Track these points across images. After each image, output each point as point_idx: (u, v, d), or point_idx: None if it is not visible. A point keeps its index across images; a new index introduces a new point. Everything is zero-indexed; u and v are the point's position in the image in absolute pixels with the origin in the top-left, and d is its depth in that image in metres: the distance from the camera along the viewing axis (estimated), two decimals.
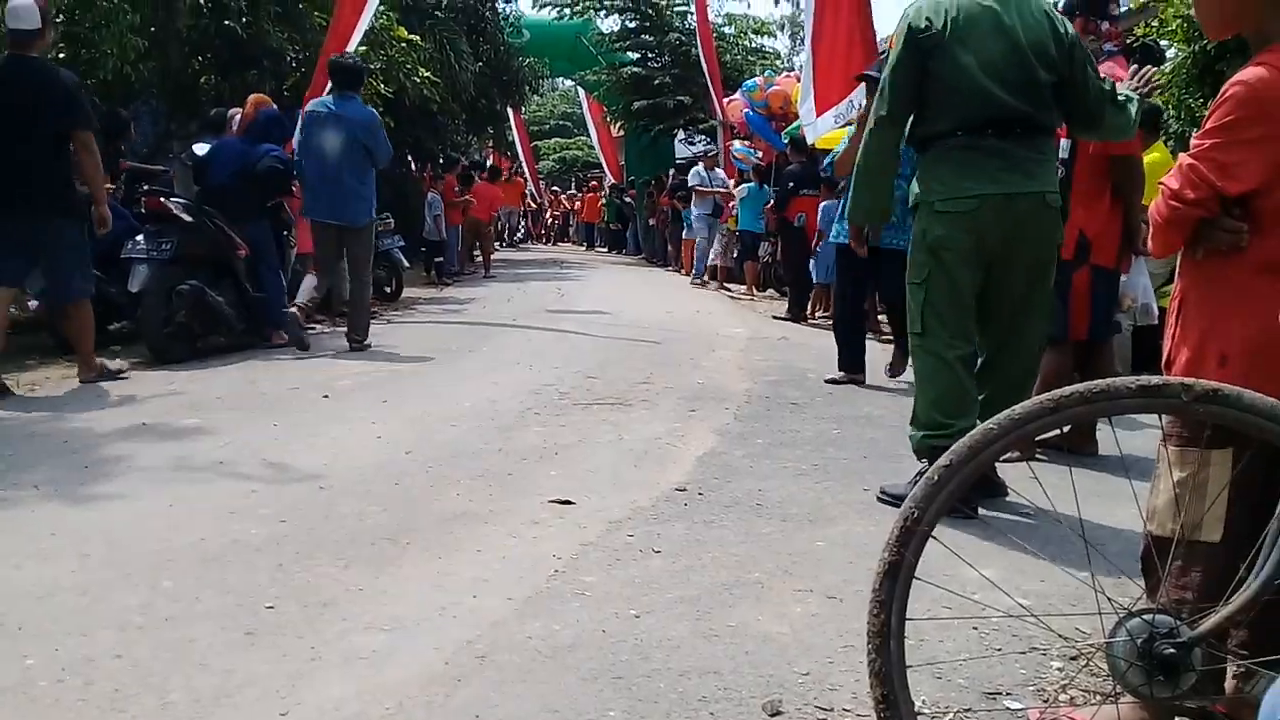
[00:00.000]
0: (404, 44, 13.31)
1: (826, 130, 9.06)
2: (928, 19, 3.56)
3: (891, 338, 7.12)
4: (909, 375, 4.47)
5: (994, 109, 3.55)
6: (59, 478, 3.92)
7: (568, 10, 23.14)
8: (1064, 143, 4.38)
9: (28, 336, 7.60)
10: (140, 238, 6.80)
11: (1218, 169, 2.02)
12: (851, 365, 6.57)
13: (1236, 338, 2.03)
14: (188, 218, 7.05)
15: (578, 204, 34.90)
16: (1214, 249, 2.07)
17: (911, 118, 3.72)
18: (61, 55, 10.50)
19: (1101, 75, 3.70)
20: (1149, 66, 3.92)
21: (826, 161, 7.09)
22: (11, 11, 5.69)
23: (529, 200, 34.40)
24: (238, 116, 8.43)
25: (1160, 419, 2.04)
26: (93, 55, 10.10)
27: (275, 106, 8.51)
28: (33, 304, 7.58)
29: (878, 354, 7.00)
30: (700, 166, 13.84)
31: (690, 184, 13.90)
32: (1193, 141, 2.11)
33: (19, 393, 5.64)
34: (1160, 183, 2.15)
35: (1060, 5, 4.57)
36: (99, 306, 6.40)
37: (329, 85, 8.21)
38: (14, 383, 5.91)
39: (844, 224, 6.23)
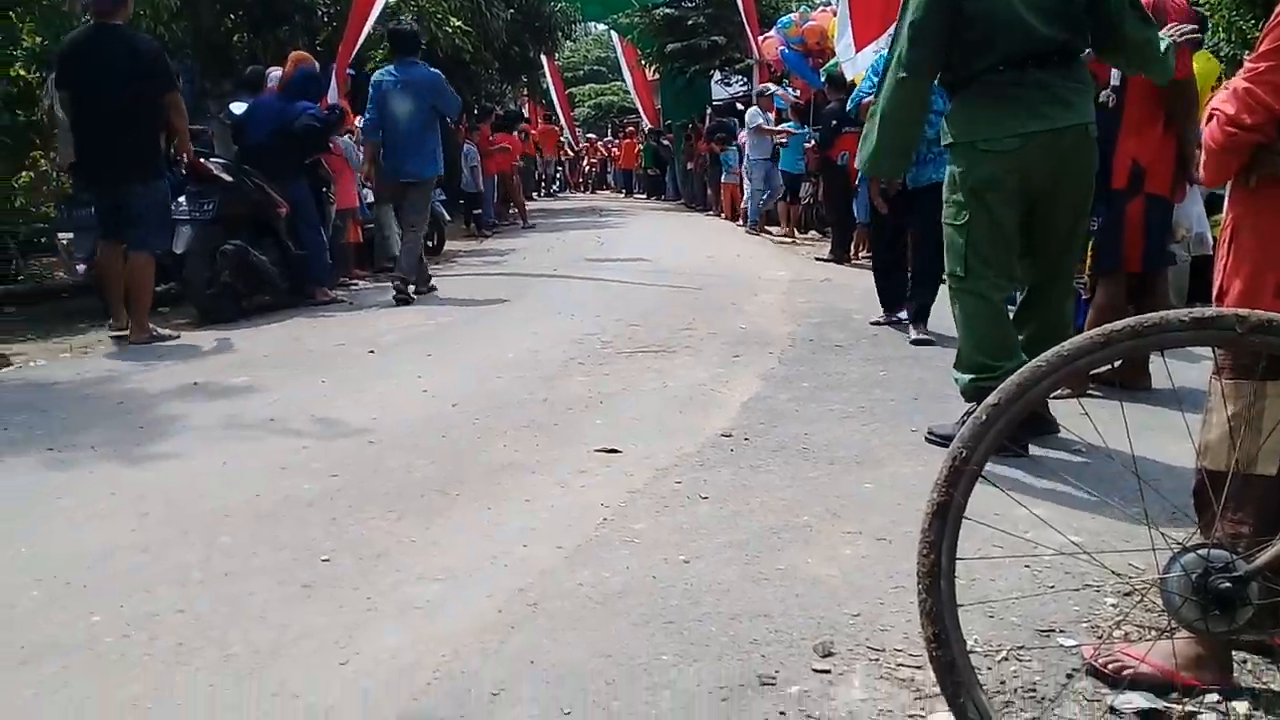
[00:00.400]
0: None
1: (867, 65, 8.91)
2: None
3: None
4: (943, 318, 4.37)
5: (1034, 40, 3.45)
6: (115, 438, 3.99)
7: None
8: (1114, 71, 4.27)
9: (79, 300, 7.73)
10: (182, 199, 6.86)
11: (1276, 91, 1.95)
12: (895, 305, 6.41)
13: None
14: (228, 178, 7.11)
15: (614, 150, 34.68)
16: (1267, 175, 2.01)
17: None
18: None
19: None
20: (1184, 24, 3.83)
21: (851, 104, 6.80)
22: None
23: (566, 148, 34.23)
24: (274, 74, 8.45)
25: (1213, 352, 2.00)
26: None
27: (315, 65, 8.52)
28: (80, 268, 7.69)
29: None
30: (757, 108, 13.35)
31: (750, 125, 13.42)
32: (1246, 64, 2.04)
33: (66, 356, 5.74)
34: (1213, 108, 2.09)
35: None
36: None
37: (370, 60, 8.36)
38: (65, 345, 6.02)
39: None
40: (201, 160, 6.88)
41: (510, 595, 2.52)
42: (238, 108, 8.32)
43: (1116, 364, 4.14)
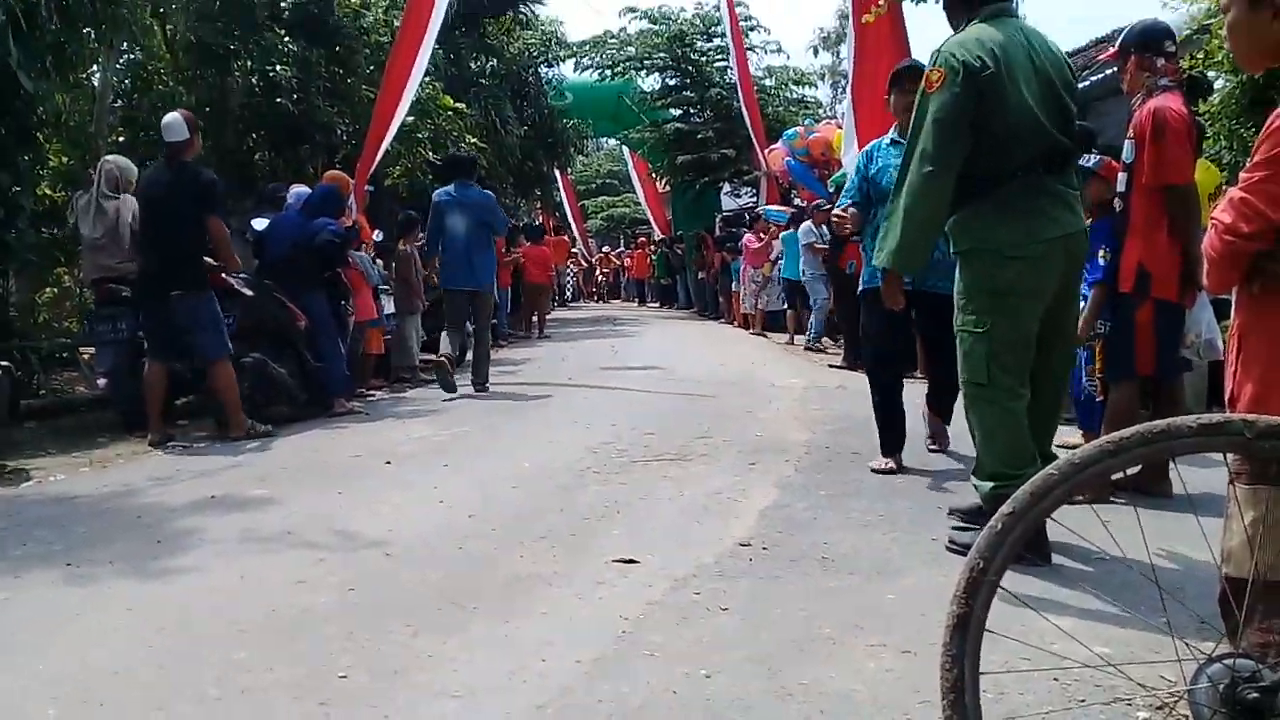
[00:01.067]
0: (450, 112, 13.62)
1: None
2: (979, 58, 3.46)
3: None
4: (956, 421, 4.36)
5: (1046, 144, 3.55)
6: (132, 553, 3.99)
7: (609, 71, 23.50)
8: (1121, 176, 4.36)
9: (98, 414, 7.78)
10: None
11: (1271, 201, 1.99)
12: (899, 444, 5.33)
13: None
14: (249, 292, 7.24)
15: (627, 260, 35.12)
16: (1271, 283, 2.04)
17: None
18: (121, 138, 10.91)
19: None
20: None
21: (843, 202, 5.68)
22: (165, 125, 6.84)
23: (579, 259, 34.70)
24: (295, 191, 8.67)
25: (1226, 457, 1.99)
26: (151, 137, 10.45)
27: (340, 184, 8.78)
28: (101, 382, 7.77)
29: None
30: (810, 223, 13.02)
31: (804, 242, 13.09)
32: (1242, 175, 2.09)
33: (85, 470, 5.77)
34: (1213, 218, 2.13)
35: (1117, 42, 4.57)
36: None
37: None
38: (85, 459, 6.07)
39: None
40: (223, 275, 7.03)
41: (529, 712, 2.49)
42: (259, 223, 8.50)
43: (1136, 469, 4.13)
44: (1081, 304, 4.36)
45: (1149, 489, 4.33)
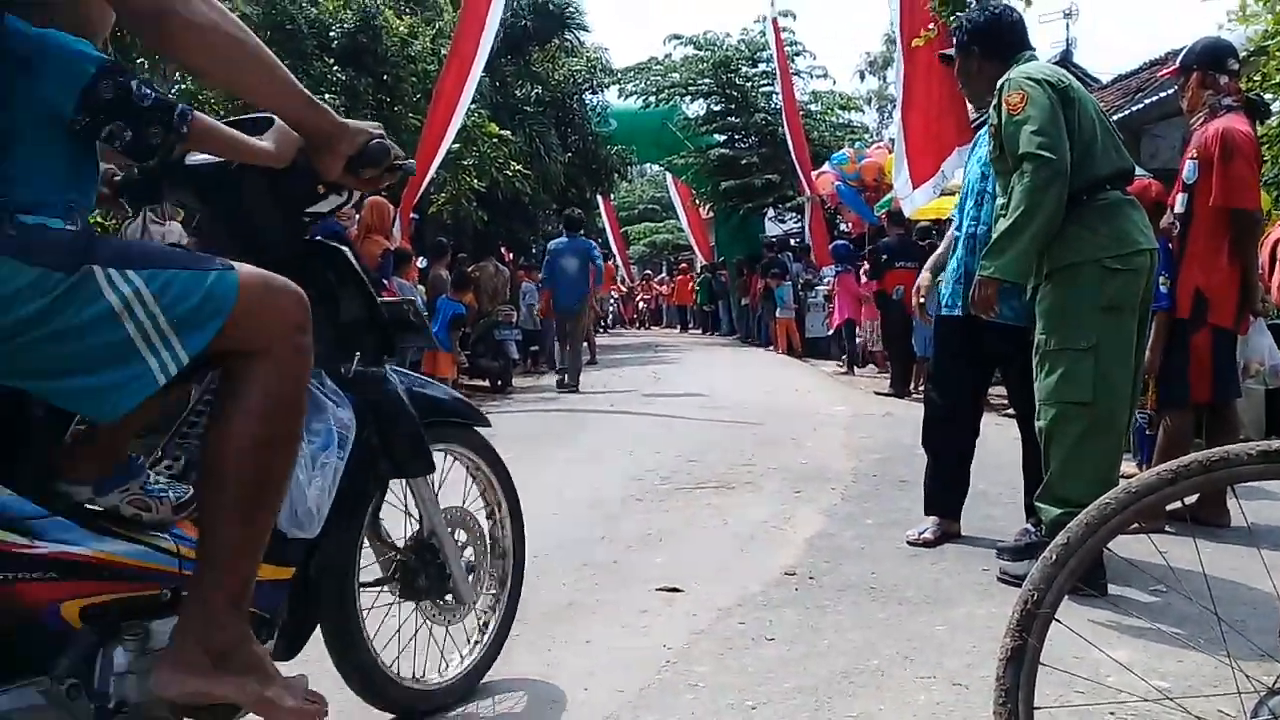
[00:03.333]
0: (495, 139, 13.73)
1: (925, 202, 9.04)
2: (1054, 76, 3.57)
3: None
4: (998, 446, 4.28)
5: (1117, 161, 3.58)
6: None
7: (654, 98, 23.63)
8: (1180, 197, 4.27)
9: None
10: None
11: None
12: (951, 506, 4.41)
13: None
14: None
15: (667, 288, 35.15)
16: None
17: None
18: None
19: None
20: None
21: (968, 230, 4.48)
22: None
23: (620, 284, 34.79)
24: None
25: None
26: None
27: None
28: None
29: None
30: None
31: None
32: None
33: None
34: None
35: (1179, 60, 4.49)
36: None
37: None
38: None
39: (954, 289, 4.25)
40: None
41: None
42: None
43: (1192, 499, 4.03)
44: None
45: (1205, 519, 4.23)
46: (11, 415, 1.72)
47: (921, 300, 4.50)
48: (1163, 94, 9.30)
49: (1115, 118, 4.15)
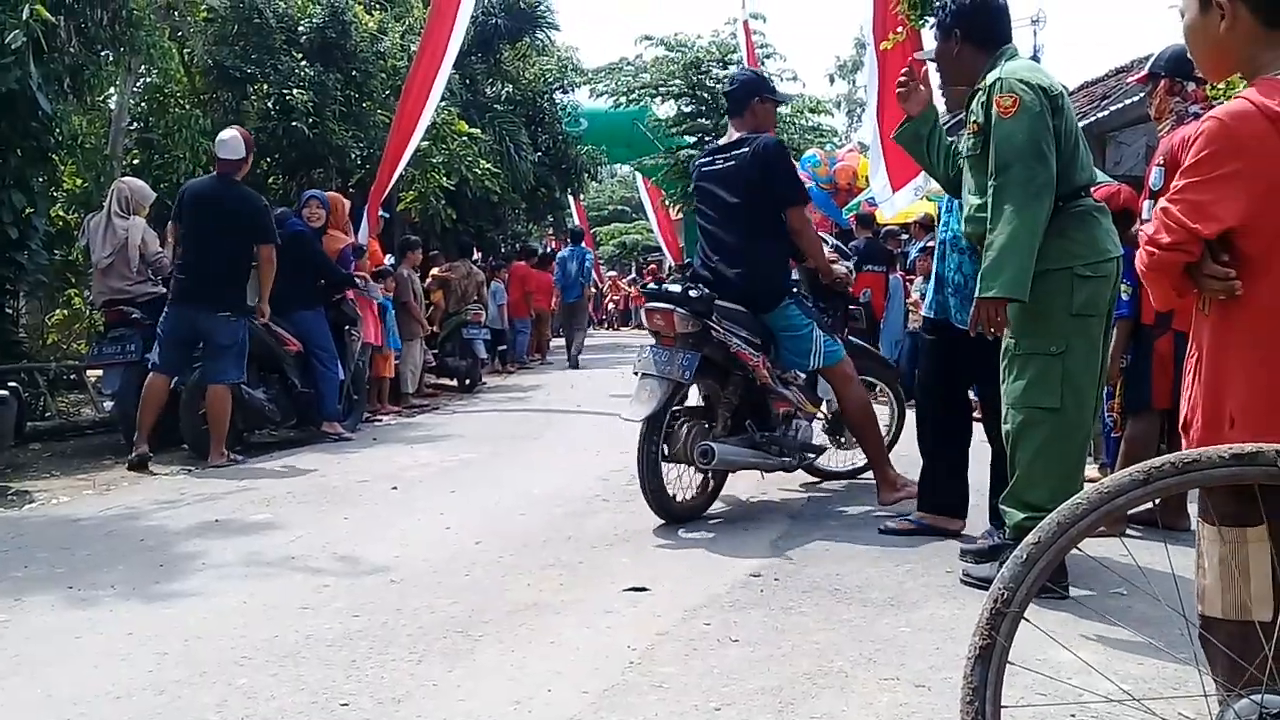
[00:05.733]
0: (465, 137, 13.64)
1: (906, 204, 9.06)
2: (1047, 80, 3.54)
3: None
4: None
5: (1091, 172, 3.62)
6: (134, 576, 3.95)
7: (624, 98, 23.57)
8: (1146, 204, 4.28)
9: (104, 437, 7.77)
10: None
11: (1191, 209, 1.89)
12: (948, 503, 4.44)
13: (1242, 397, 1.89)
14: (294, 348, 7.33)
15: (635, 289, 35.06)
16: (1215, 301, 1.95)
17: None
18: (135, 161, 10.97)
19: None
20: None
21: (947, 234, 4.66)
22: (222, 142, 6.92)
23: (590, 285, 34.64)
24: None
25: (1199, 494, 1.91)
26: (166, 159, 10.50)
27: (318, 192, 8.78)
28: (108, 405, 7.75)
29: None
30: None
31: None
32: (1172, 183, 2.00)
33: (89, 493, 5.75)
34: (1139, 229, 2.06)
35: (1147, 67, 4.51)
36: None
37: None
38: (89, 481, 6.05)
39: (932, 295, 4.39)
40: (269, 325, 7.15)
41: None
42: None
43: (1156, 503, 4.05)
44: None
45: (1166, 523, 4.26)
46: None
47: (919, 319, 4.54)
48: (1127, 101, 9.38)
49: (1082, 124, 4.15)
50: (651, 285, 5.05)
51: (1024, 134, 3.43)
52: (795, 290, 5.06)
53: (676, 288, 4.74)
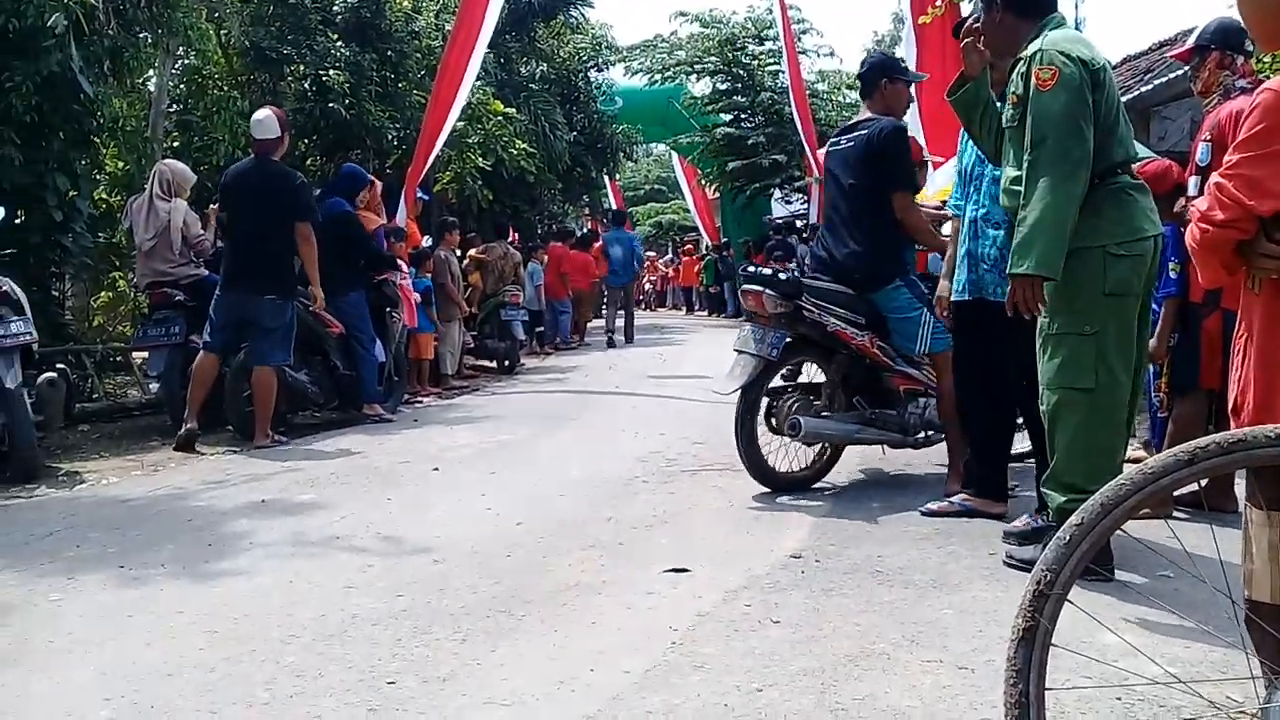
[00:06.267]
0: (500, 117, 13.66)
1: (946, 182, 8.94)
2: (1089, 53, 3.45)
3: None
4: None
5: (1130, 148, 3.55)
6: (185, 555, 4.01)
7: (659, 76, 23.49)
8: (1193, 180, 4.20)
9: (151, 418, 7.88)
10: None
11: (1247, 185, 1.84)
12: (990, 486, 4.44)
13: None
14: (336, 330, 7.38)
15: (672, 270, 34.98)
16: (1269, 279, 1.90)
17: None
18: (176, 143, 11.08)
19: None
20: None
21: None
22: (257, 122, 6.95)
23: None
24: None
25: (1247, 477, 1.88)
26: (206, 141, 10.60)
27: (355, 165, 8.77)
28: (153, 386, 7.86)
29: None
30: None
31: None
32: (1225, 158, 1.95)
33: (138, 474, 5.85)
34: (1191, 204, 2.01)
35: (1193, 40, 4.41)
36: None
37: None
38: (138, 462, 6.14)
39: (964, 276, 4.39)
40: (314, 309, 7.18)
41: None
42: None
43: (1202, 484, 4.00)
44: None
45: (1213, 505, 4.21)
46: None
47: (945, 314, 4.49)
48: (1172, 75, 9.19)
49: (1125, 99, 4.09)
50: (750, 268, 5.20)
51: (1061, 108, 3.37)
52: (908, 273, 5.09)
53: (768, 270, 5.01)
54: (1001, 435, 4.44)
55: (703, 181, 27.59)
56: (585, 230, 21.86)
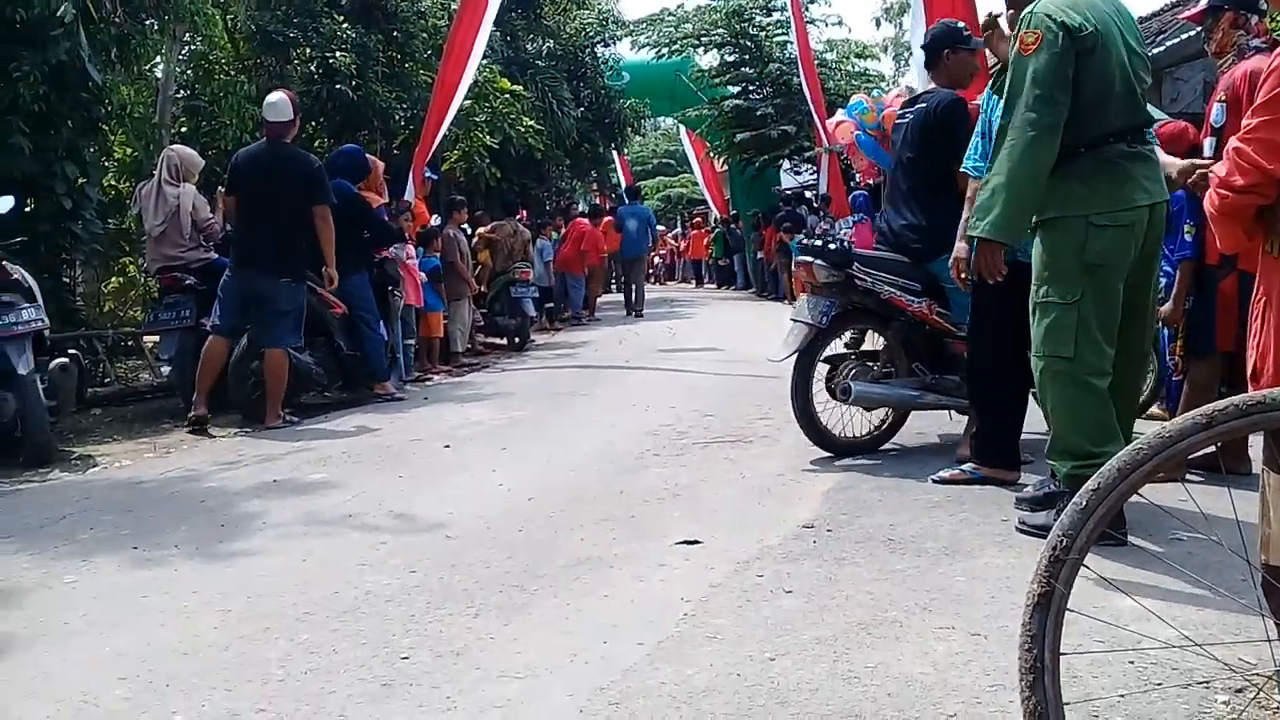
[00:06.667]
0: (507, 95, 13.62)
1: None
2: (1077, 18, 3.38)
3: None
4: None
5: (1137, 112, 3.50)
6: (198, 536, 4.03)
7: (666, 50, 23.31)
8: (1208, 141, 4.14)
9: (162, 401, 7.91)
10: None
11: (1266, 149, 1.80)
12: (1002, 454, 4.43)
13: None
14: (339, 311, 7.37)
15: (682, 243, 34.90)
16: None
17: None
18: (183, 129, 11.06)
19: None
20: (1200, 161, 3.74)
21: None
22: (270, 105, 6.90)
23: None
24: None
25: (1264, 441, 1.86)
26: (213, 126, 10.59)
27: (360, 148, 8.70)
28: (165, 369, 7.88)
29: None
30: None
31: None
32: (1243, 122, 1.91)
33: (150, 456, 5.87)
34: (1210, 170, 1.97)
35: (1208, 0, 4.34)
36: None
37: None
38: (150, 445, 6.17)
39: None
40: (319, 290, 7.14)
41: (591, 694, 2.46)
42: None
43: (1218, 446, 3.98)
44: (1162, 282, 4.19)
45: (1228, 467, 4.19)
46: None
47: (962, 274, 4.45)
48: (1184, 36, 9.11)
49: None
50: (804, 240, 5.36)
51: (1037, 73, 3.38)
52: None
53: (819, 241, 5.11)
54: (1016, 401, 4.41)
55: (711, 154, 27.41)
56: (593, 204, 21.80)
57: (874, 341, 5.45)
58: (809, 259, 5.00)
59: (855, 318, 5.22)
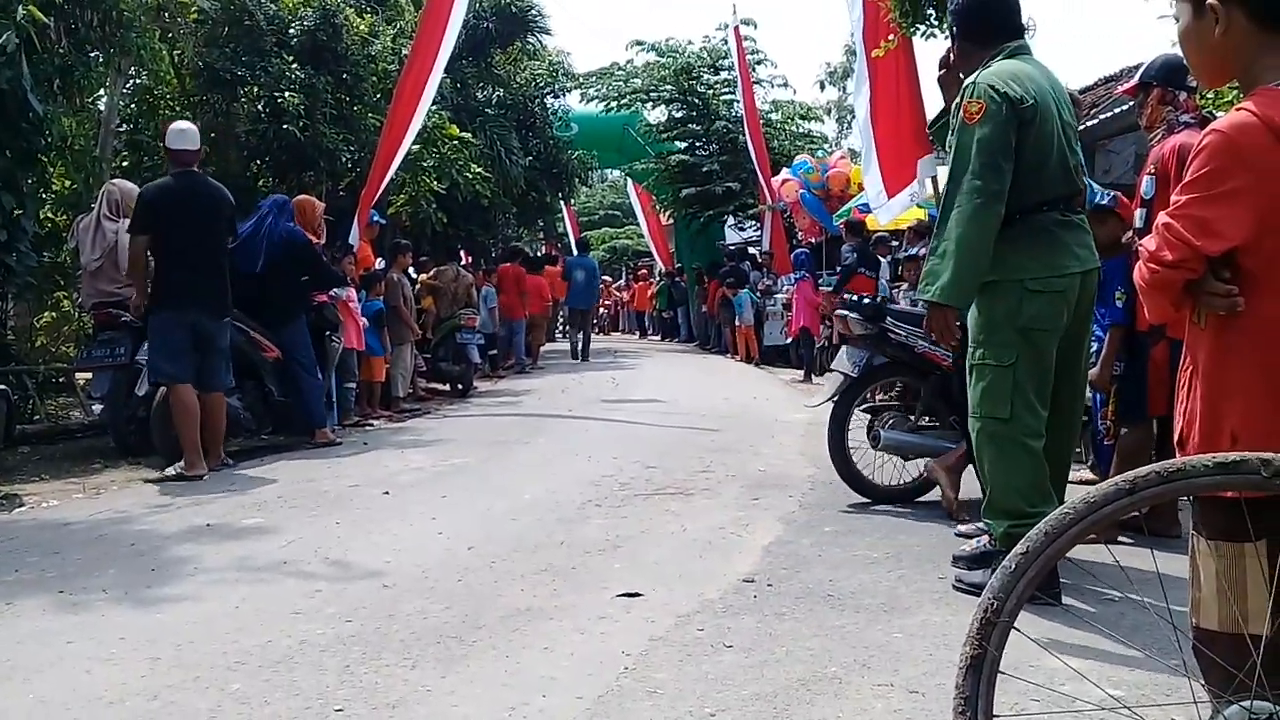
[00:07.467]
0: (456, 141, 13.66)
1: (901, 210, 9.04)
2: (1018, 90, 3.49)
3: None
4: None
5: (1071, 182, 3.62)
6: (127, 580, 3.94)
7: (615, 103, 23.57)
8: (1139, 213, 4.27)
9: (93, 440, 7.74)
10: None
11: (1195, 226, 1.84)
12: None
13: (1242, 412, 1.85)
14: (270, 356, 7.26)
15: (626, 294, 35.06)
16: (1214, 315, 1.93)
17: None
18: (125, 163, 10.93)
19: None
20: None
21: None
22: (180, 132, 6.57)
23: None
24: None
25: (1192, 505, 1.91)
26: (155, 162, 10.48)
27: (288, 198, 8.49)
28: (97, 409, 7.71)
29: None
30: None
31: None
32: (1172, 198, 1.98)
33: (79, 496, 5.73)
34: (1139, 243, 2.02)
35: (1139, 76, 4.51)
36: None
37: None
38: (79, 485, 6.02)
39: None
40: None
41: None
42: None
43: (1145, 510, 4.06)
44: (1093, 346, 4.30)
45: (1157, 531, 4.28)
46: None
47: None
48: (1117, 110, 9.40)
49: None
50: (846, 296, 5.82)
51: (982, 141, 3.48)
52: None
53: (856, 297, 5.48)
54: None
55: (657, 207, 27.68)
56: (542, 253, 21.87)
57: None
58: (845, 312, 5.33)
59: (894, 369, 5.45)
